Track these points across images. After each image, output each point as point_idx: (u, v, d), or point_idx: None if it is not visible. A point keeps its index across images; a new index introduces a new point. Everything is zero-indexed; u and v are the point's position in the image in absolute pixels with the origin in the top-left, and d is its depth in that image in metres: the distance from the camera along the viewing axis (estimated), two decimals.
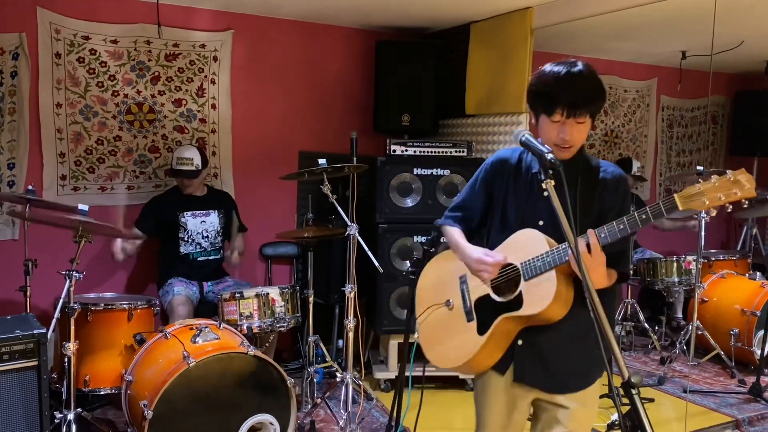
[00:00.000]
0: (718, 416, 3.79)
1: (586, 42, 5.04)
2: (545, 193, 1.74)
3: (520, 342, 1.95)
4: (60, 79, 3.82)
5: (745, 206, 1.53)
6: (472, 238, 2.07)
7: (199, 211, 3.97)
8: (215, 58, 4.24)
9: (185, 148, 3.93)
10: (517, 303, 1.88)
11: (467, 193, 2.12)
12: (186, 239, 3.93)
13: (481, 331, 1.96)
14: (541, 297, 1.81)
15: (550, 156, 1.66)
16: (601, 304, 1.55)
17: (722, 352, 4.48)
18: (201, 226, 3.96)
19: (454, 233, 2.08)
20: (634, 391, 1.23)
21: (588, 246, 1.72)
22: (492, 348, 1.96)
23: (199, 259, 3.96)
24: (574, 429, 1.91)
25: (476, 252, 1.96)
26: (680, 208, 1.59)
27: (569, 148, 1.87)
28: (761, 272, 5.16)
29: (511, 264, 1.91)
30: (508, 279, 1.93)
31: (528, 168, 1.97)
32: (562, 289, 1.79)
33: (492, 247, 1.98)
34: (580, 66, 1.83)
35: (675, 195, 1.60)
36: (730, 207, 1.51)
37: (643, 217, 1.65)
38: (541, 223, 1.90)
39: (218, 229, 4.03)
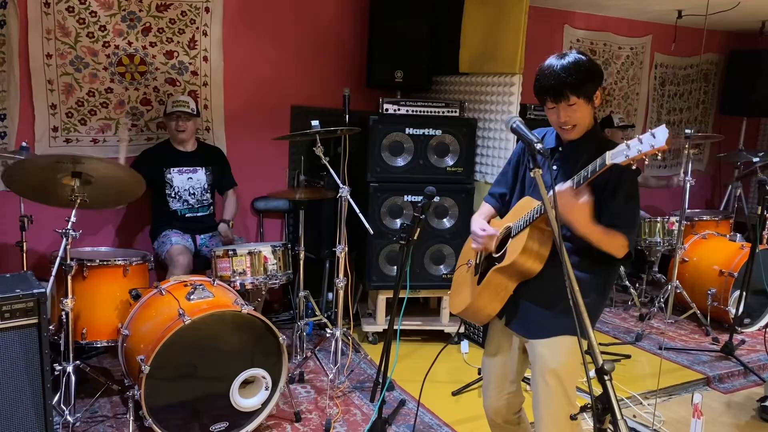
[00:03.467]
0: (690, 373, 3.97)
1: None
2: (553, 167, 1.99)
3: (513, 292, 2.16)
4: (49, 29, 3.77)
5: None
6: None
7: (186, 168, 3.98)
8: (207, 10, 4.18)
9: (180, 95, 3.98)
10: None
11: (502, 171, 2.36)
12: (173, 196, 3.96)
13: (480, 282, 2.21)
14: (513, 250, 2.05)
15: (538, 145, 1.72)
16: (593, 273, 1.86)
17: (698, 311, 4.65)
18: (188, 182, 3.99)
19: (482, 207, 2.38)
20: (606, 377, 1.32)
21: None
22: (488, 297, 2.18)
23: (187, 215, 4.00)
24: (541, 368, 2.08)
25: (474, 225, 2.24)
26: (607, 163, 1.74)
27: (572, 129, 2.03)
28: (742, 232, 5.29)
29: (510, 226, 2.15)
30: (505, 238, 2.15)
31: (545, 144, 2.12)
32: (530, 244, 2.00)
33: None
34: (567, 57, 1.98)
35: (607, 151, 1.75)
36: (647, 160, 1.64)
37: (599, 161, 1.79)
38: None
39: (205, 186, 4.05)
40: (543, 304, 2.08)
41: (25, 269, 3.29)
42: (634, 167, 1.69)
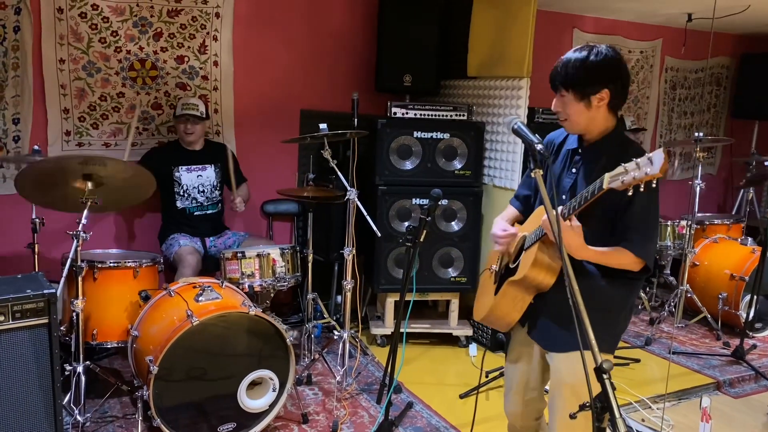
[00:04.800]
0: (700, 377, 3.95)
1: (591, 1, 4.99)
2: (573, 170, 1.99)
3: (532, 301, 2.15)
4: (62, 34, 3.83)
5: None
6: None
7: (194, 166, 4.02)
8: (217, 15, 4.22)
9: (190, 97, 4.03)
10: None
11: (524, 175, 2.37)
12: (181, 194, 3.99)
13: (497, 291, 2.22)
14: (525, 264, 2.04)
15: (539, 146, 1.73)
16: (615, 283, 1.85)
17: (709, 315, 4.62)
18: (197, 180, 4.02)
19: (506, 210, 2.39)
20: (605, 376, 1.32)
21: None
22: (506, 307, 2.18)
23: (196, 213, 4.03)
24: (558, 382, 2.08)
25: (495, 227, 2.22)
26: (604, 187, 1.72)
27: (564, 121, 2.03)
28: (754, 237, 5.26)
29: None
30: (521, 248, 2.16)
31: (567, 144, 2.14)
32: (540, 257, 1.98)
33: None
34: (583, 51, 1.96)
35: (605, 174, 1.71)
36: (643, 186, 1.60)
37: (597, 184, 1.76)
38: (564, 197, 2.05)
39: (214, 183, 4.09)
40: (561, 318, 2.03)
41: (36, 271, 3.33)
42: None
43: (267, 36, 4.43)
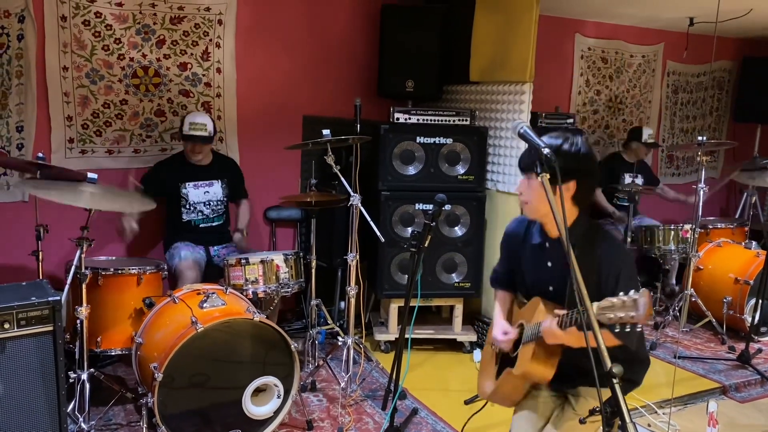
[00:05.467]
0: (706, 382, 3.93)
1: (593, 6, 5.00)
2: (548, 263, 2.00)
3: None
4: (66, 42, 3.84)
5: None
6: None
7: (201, 182, 4.01)
8: (220, 22, 4.23)
9: (197, 114, 3.97)
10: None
11: (499, 260, 2.39)
12: (188, 207, 3.99)
13: (497, 376, 2.26)
14: (523, 360, 2.06)
15: (546, 150, 1.72)
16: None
17: (714, 320, 4.60)
18: (204, 196, 4.02)
19: (498, 302, 2.38)
20: (615, 380, 1.31)
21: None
22: (507, 392, 2.24)
23: (201, 225, 4.04)
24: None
25: (495, 329, 2.25)
26: (594, 320, 1.63)
27: (525, 204, 2.05)
28: (758, 240, 5.24)
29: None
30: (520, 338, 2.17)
31: (531, 239, 2.16)
32: (539, 351, 1.99)
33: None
34: (558, 138, 1.97)
35: (595, 304, 1.61)
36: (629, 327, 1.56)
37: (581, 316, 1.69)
38: (550, 288, 2.08)
39: (221, 197, 4.08)
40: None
41: (40, 278, 3.33)
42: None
43: (269, 42, 4.44)
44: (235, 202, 4.24)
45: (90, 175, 2.93)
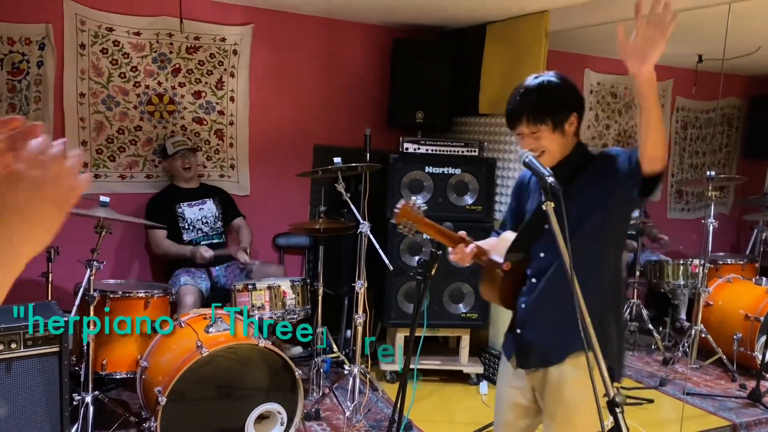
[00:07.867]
0: (716, 419, 3.86)
1: (601, 43, 5.05)
2: (543, 206, 1.85)
3: (518, 330, 2.12)
4: (84, 69, 3.93)
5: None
6: None
7: (194, 201, 4.10)
8: (235, 52, 4.32)
9: (173, 135, 4.16)
10: None
11: (507, 208, 2.40)
12: (187, 227, 4.04)
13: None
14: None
15: (550, 179, 1.73)
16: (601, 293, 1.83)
17: (724, 356, 4.54)
18: (199, 213, 4.09)
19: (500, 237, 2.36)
20: (618, 410, 1.31)
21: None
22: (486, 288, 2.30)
23: (203, 243, 4.06)
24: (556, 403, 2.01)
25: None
26: None
27: (541, 156, 1.97)
28: None
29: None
30: None
31: (534, 179, 2.16)
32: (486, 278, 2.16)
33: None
34: (528, 82, 1.98)
35: None
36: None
37: None
38: (546, 227, 2.01)
39: (216, 214, 4.15)
40: (546, 330, 2.04)
41: (49, 299, 3.36)
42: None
43: (283, 73, 4.52)
44: (231, 224, 4.26)
45: (102, 197, 2.97)
